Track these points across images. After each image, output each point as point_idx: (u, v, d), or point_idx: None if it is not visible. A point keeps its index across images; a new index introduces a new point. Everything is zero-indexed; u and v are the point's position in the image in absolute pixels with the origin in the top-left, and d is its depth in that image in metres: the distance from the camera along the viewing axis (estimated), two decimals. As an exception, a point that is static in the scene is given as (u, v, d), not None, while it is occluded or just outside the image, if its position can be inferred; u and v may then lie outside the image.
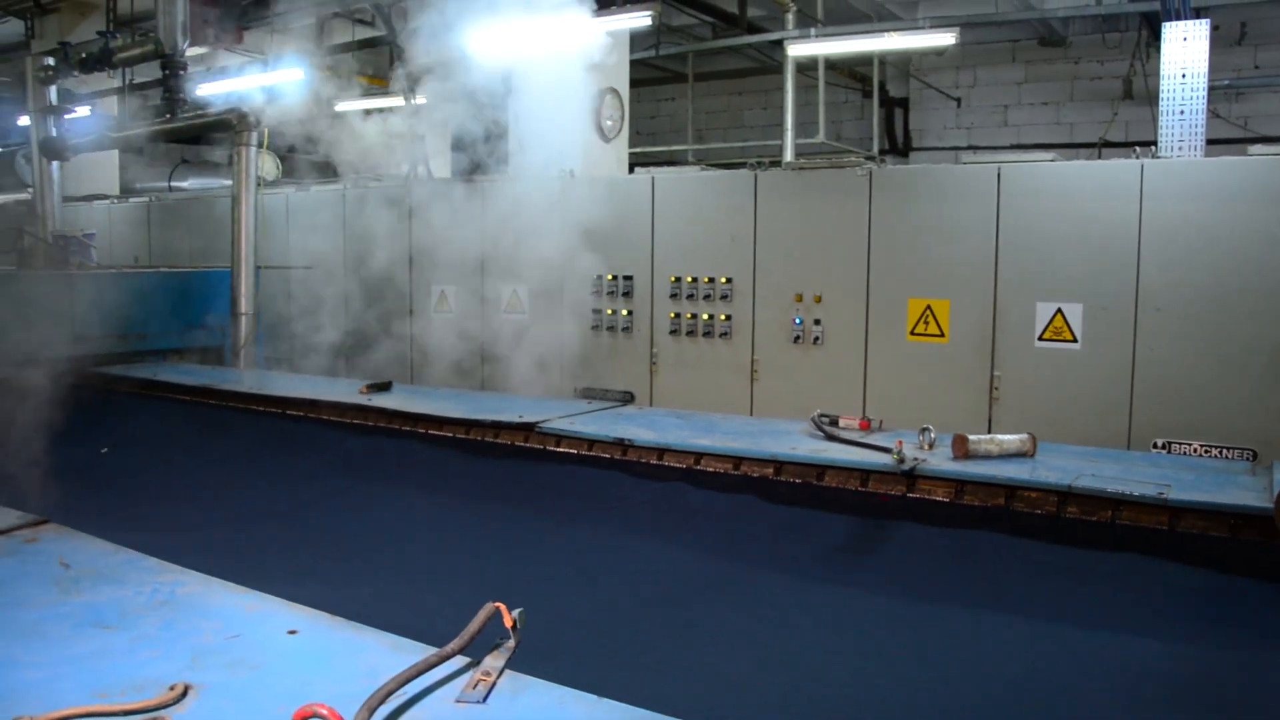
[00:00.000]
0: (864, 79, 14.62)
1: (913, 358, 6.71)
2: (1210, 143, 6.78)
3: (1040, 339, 6.32)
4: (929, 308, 6.64)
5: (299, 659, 2.28)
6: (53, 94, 9.05)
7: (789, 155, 10.99)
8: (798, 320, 7.08)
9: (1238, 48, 12.49)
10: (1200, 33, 6.49)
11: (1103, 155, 11.48)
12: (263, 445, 5.93)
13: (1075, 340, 6.21)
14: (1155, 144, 6.55)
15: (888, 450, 4.18)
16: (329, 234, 9.67)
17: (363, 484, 5.35)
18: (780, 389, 7.19)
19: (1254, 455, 5.58)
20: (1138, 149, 6.25)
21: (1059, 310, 6.25)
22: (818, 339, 7.03)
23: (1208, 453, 5.79)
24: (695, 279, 7.51)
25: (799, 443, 4.54)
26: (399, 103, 9.51)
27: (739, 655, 3.50)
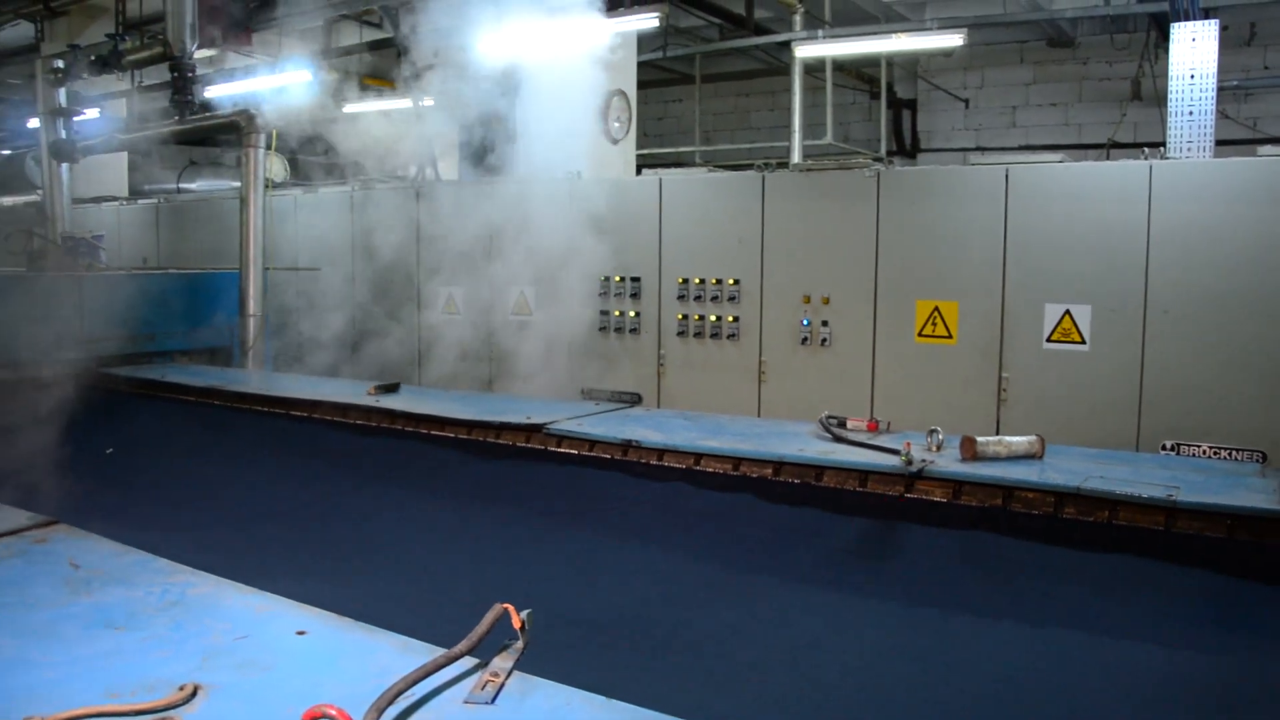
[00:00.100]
0: (871, 80, 14.61)
1: (921, 359, 6.71)
2: (1219, 143, 6.77)
3: (1048, 340, 6.31)
4: (937, 309, 6.64)
5: (308, 659, 2.28)
6: (62, 96, 9.07)
7: (796, 157, 10.98)
8: (805, 322, 7.08)
9: (1247, 48, 12.47)
10: (1209, 33, 6.48)
11: (1111, 156, 11.46)
12: (270, 446, 5.93)
13: (1084, 342, 6.20)
14: (1164, 145, 6.55)
15: (896, 452, 4.17)
16: (337, 236, 9.70)
17: (370, 485, 5.35)
18: (788, 390, 7.19)
19: (1264, 457, 5.57)
20: (1146, 150, 6.25)
21: (1067, 311, 6.24)
22: (825, 340, 7.03)
23: (1217, 454, 5.77)
24: (703, 280, 7.51)
25: (806, 444, 4.52)
26: (406, 104, 9.54)
27: (750, 657, 3.50)
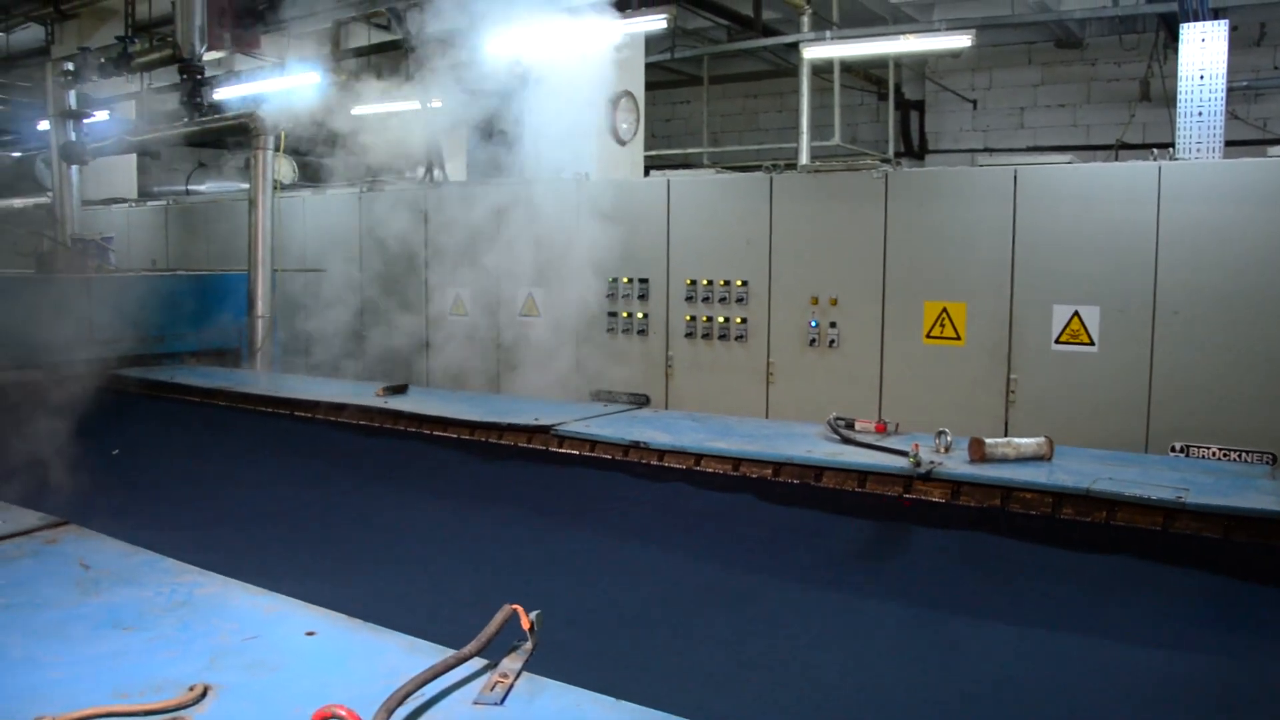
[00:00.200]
0: (879, 81, 14.59)
1: (929, 361, 6.70)
2: (1229, 144, 6.76)
3: (1057, 342, 6.30)
4: (945, 310, 6.63)
5: (317, 660, 2.28)
6: (72, 99, 9.11)
7: (804, 158, 10.98)
8: (813, 323, 7.08)
9: (1256, 48, 12.42)
10: (1219, 34, 6.46)
11: (1120, 157, 11.43)
12: (278, 448, 5.94)
13: (1092, 343, 6.19)
14: (1173, 146, 6.53)
15: (904, 453, 4.16)
16: (345, 237, 9.72)
17: (378, 486, 5.36)
18: (796, 392, 7.19)
19: (1273, 459, 5.55)
20: (1155, 151, 6.23)
21: (1076, 313, 6.22)
22: (833, 342, 7.02)
23: (1226, 456, 5.75)
24: (711, 282, 7.51)
25: (815, 446, 4.52)
26: (415, 106, 9.55)
27: (760, 659, 3.49)
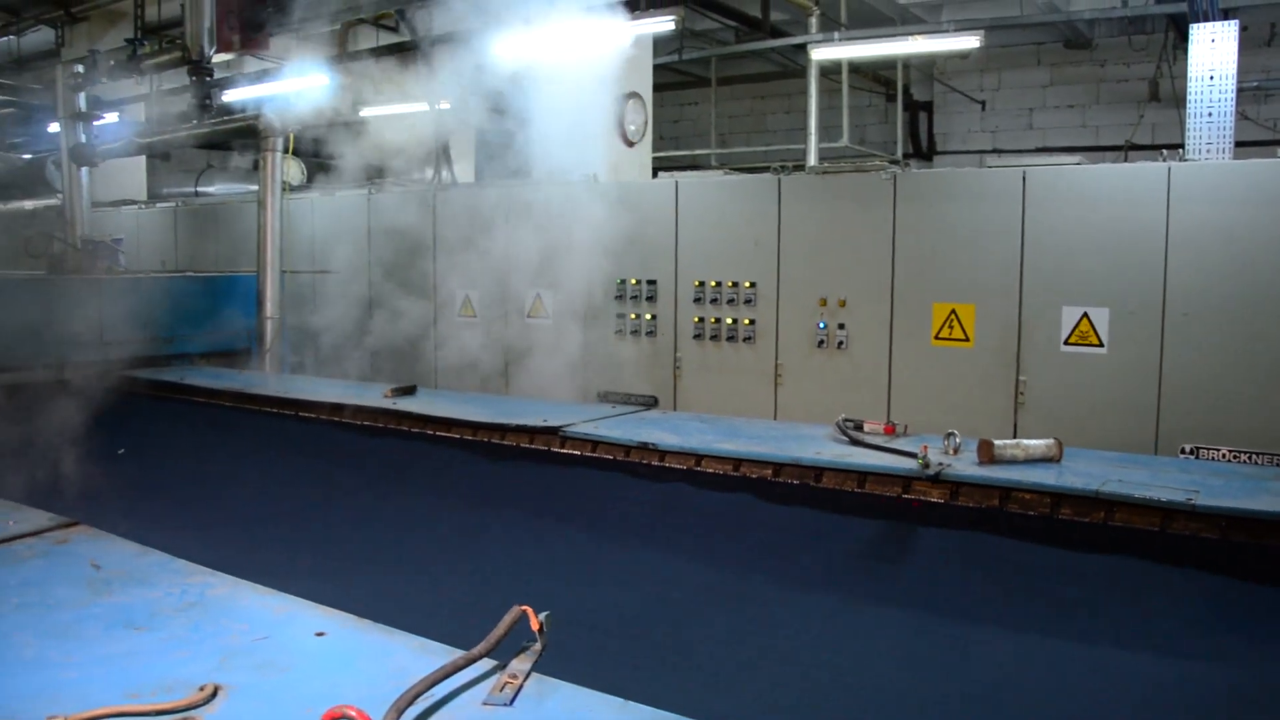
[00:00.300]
0: (888, 82, 14.59)
1: (937, 362, 6.69)
2: (1239, 145, 6.73)
3: (1066, 343, 6.28)
4: (954, 312, 6.62)
5: (327, 660, 2.29)
6: (82, 101, 9.13)
7: (812, 159, 10.98)
8: (821, 325, 7.07)
9: (1266, 49, 12.38)
10: (1229, 34, 6.44)
11: (1129, 158, 11.40)
12: (287, 449, 5.96)
13: (1101, 345, 6.17)
14: (1182, 146, 6.51)
15: (913, 455, 4.15)
16: (354, 239, 9.74)
17: (385, 487, 5.37)
18: (804, 394, 7.18)
19: (1284, 461, 5.53)
20: (1165, 152, 6.22)
21: (1085, 314, 6.21)
22: (842, 343, 7.01)
23: (1236, 458, 5.73)
24: (719, 283, 7.50)
25: (824, 447, 4.51)
26: (423, 108, 9.56)
27: (774, 662, 3.49)
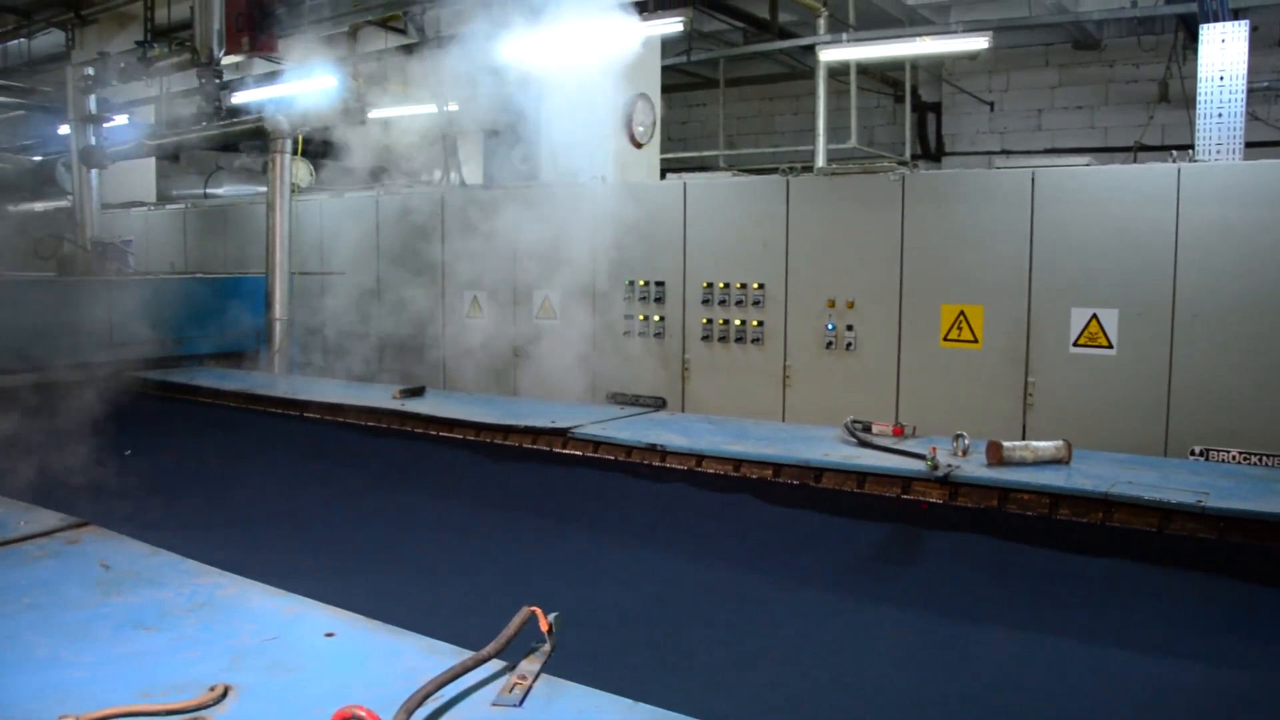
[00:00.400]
0: (896, 84, 14.57)
1: (946, 364, 6.68)
2: (1249, 145, 6.69)
3: (1075, 345, 6.27)
4: (962, 313, 6.61)
5: (337, 661, 2.29)
6: (92, 103, 9.18)
7: (821, 161, 10.97)
8: (830, 326, 7.06)
9: (1277, 49, 12.33)
10: (1239, 34, 6.41)
11: (1138, 159, 11.37)
12: (295, 450, 5.97)
13: (1111, 346, 6.15)
14: (1192, 147, 6.48)
15: (921, 457, 4.15)
16: (362, 240, 9.76)
17: (394, 488, 5.38)
18: (812, 395, 7.17)
19: (1295, 463, 5.51)
20: (1174, 152, 6.20)
21: (1094, 316, 6.19)
22: (850, 345, 7.01)
23: (1246, 460, 5.71)
24: (727, 285, 7.50)
25: (832, 449, 4.51)
26: (431, 110, 9.58)
27: (786, 664, 3.48)
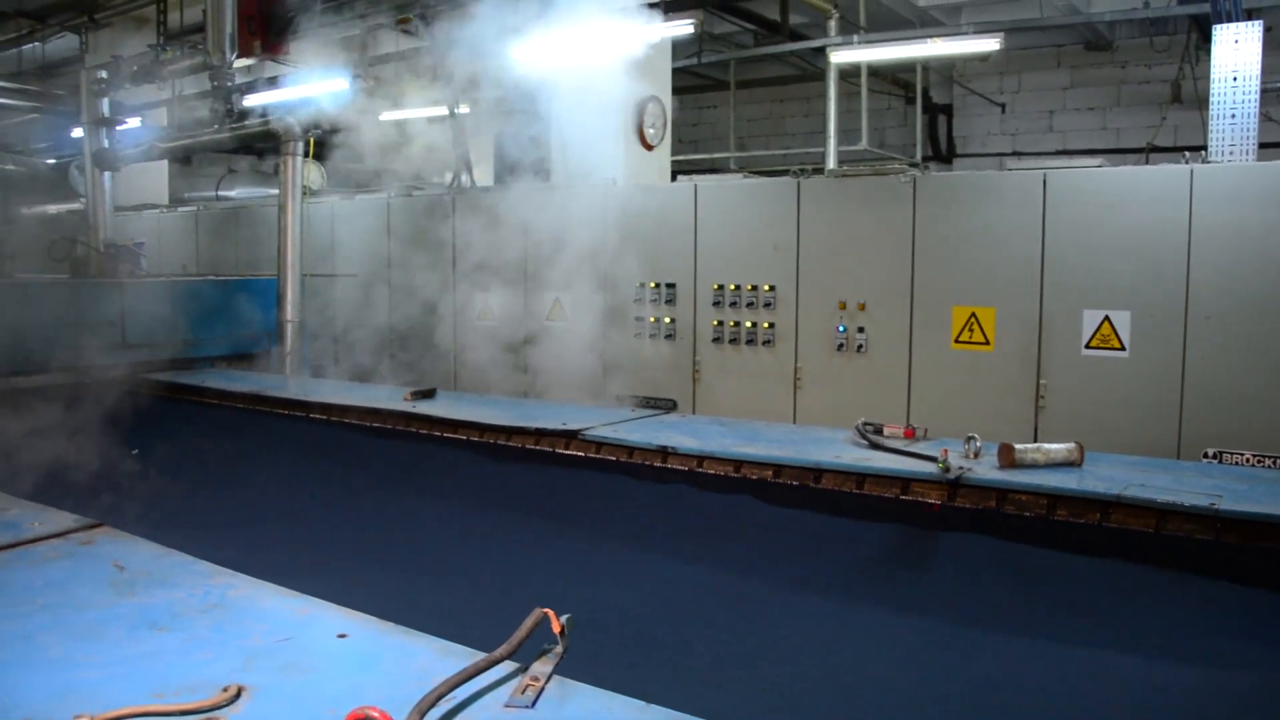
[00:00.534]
0: (907, 85, 14.52)
1: (957, 366, 6.66)
2: (1262, 146, 6.66)
3: (1087, 347, 6.25)
4: (974, 315, 6.59)
5: (349, 662, 2.30)
6: (105, 106, 9.21)
7: (832, 163, 10.94)
8: (841, 328, 7.06)
9: (1290, 50, 12.26)
10: (1252, 34, 6.38)
11: (1151, 160, 11.31)
12: (306, 451, 5.99)
13: (1123, 348, 6.13)
14: (1205, 148, 6.45)
15: (933, 459, 4.14)
16: (373, 242, 9.78)
17: (405, 490, 5.39)
18: (823, 397, 7.17)
19: (1309, 465, 5.49)
20: (1187, 154, 6.17)
21: (1106, 318, 6.18)
22: (861, 347, 6.99)
23: (1260, 463, 5.68)
24: (738, 286, 7.50)
25: (843, 451, 4.50)
26: (442, 112, 9.60)
27: (788, 666, 3.48)
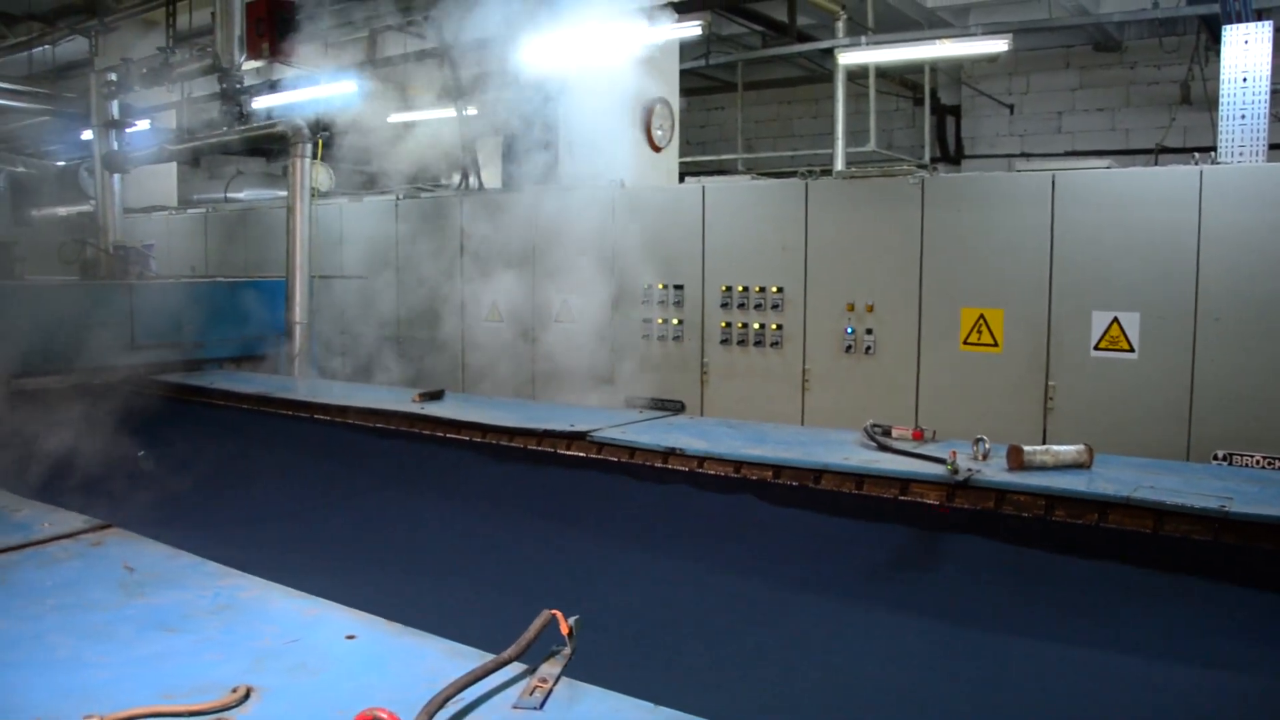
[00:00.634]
0: (915, 87, 14.51)
1: (966, 368, 6.65)
2: (1272, 147, 6.65)
3: (1096, 348, 6.23)
4: (982, 317, 6.58)
5: (358, 663, 2.30)
6: (114, 108, 9.24)
7: (840, 164, 10.93)
8: (849, 330, 7.05)
9: (1301, 51, 12.21)
10: (1263, 35, 6.36)
11: (1160, 161, 11.28)
12: (314, 453, 5.99)
13: (1132, 350, 6.12)
14: (1214, 149, 6.44)
15: (941, 461, 4.13)
16: (381, 244, 9.80)
17: (413, 491, 5.39)
18: (831, 399, 7.16)
19: (1319, 467, 5.46)
20: (1196, 155, 6.16)
21: (1115, 319, 6.16)
22: (869, 349, 6.99)
23: (1271, 465, 5.67)
24: (746, 288, 7.49)
25: (851, 453, 4.49)
26: (450, 114, 9.62)
27: (798, 668, 3.48)
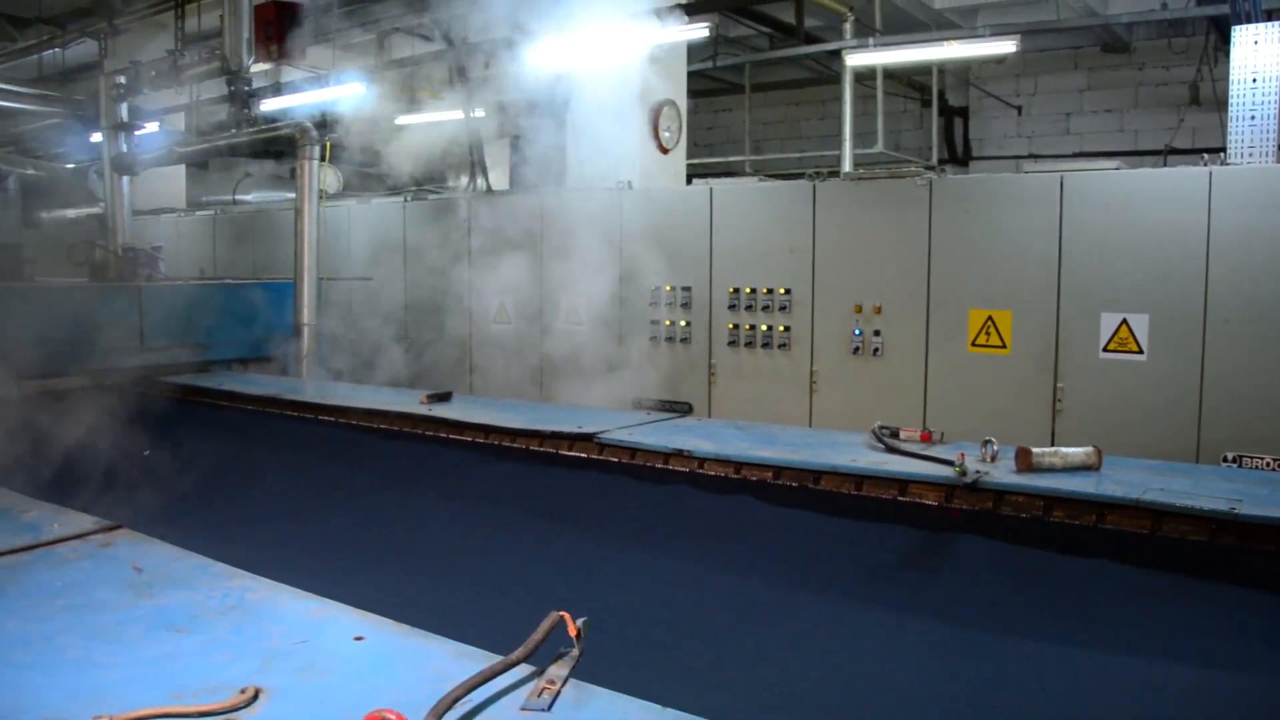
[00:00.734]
0: (923, 88, 14.49)
1: (974, 369, 6.64)
2: (1282, 148, 6.63)
3: (1105, 350, 6.22)
4: (990, 319, 6.57)
5: (366, 664, 2.31)
6: (124, 111, 9.27)
7: (847, 166, 10.92)
8: (857, 331, 7.04)
9: (1310, 52, 12.17)
10: (1272, 35, 6.34)
11: (1169, 162, 11.25)
12: (321, 454, 6.01)
13: (1141, 351, 6.10)
14: (1224, 150, 6.42)
15: (950, 463, 4.12)
16: (389, 246, 9.82)
17: (421, 493, 5.40)
18: (839, 401, 7.15)
19: (1330, 470, 5.44)
20: (1205, 156, 6.14)
21: (1124, 321, 6.14)
22: (877, 350, 6.98)
23: (1280, 467, 5.65)
24: (754, 290, 7.49)
25: (860, 454, 4.49)
26: (458, 116, 9.63)
27: (804, 671, 3.47)
